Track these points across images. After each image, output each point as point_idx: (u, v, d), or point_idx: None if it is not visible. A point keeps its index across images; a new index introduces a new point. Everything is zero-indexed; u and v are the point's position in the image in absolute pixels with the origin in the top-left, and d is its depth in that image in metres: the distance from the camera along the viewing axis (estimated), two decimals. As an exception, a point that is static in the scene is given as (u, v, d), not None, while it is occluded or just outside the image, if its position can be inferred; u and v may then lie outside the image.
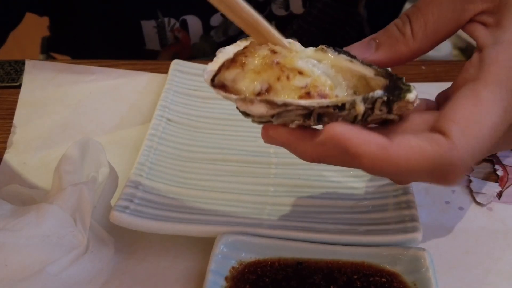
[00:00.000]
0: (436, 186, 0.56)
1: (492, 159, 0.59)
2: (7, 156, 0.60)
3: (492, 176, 0.57)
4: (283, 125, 0.39)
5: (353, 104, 0.37)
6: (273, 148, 0.59)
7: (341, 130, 0.35)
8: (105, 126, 0.64)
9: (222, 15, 0.77)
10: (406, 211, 0.49)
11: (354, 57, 0.40)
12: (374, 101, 0.37)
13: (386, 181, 0.54)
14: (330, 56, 0.40)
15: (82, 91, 0.68)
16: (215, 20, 0.79)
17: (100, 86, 0.69)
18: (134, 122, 0.64)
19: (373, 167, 0.36)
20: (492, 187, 0.56)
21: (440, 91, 0.44)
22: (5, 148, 0.61)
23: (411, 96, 0.37)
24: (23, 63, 0.71)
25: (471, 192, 0.56)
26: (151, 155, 0.56)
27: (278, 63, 0.39)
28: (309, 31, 0.84)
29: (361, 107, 0.37)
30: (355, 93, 0.40)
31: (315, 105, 0.37)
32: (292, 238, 0.47)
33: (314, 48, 0.41)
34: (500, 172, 0.57)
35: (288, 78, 0.38)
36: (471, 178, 0.57)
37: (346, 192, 0.54)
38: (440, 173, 0.36)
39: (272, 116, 0.38)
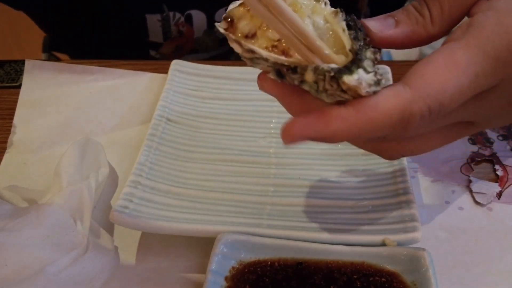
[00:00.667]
0: (436, 186, 0.56)
1: (492, 159, 0.59)
2: (7, 156, 0.60)
3: (492, 176, 0.57)
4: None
5: (304, 69, 0.37)
6: (273, 149, 0.59)
7: (300, 125, 0.37)
8: (105, 126, 0.64)
9: (226, 10, 0.77)
10: (406, 211, 0.49)
11: (358, 28, 0.39)
12: (324, 74, 0.37)
13: (386, 181, 0.54)
14: (335, 19, 0.39)
15: (82, 91, 0.68)
16: (220, 16, 0.79)
17: (100, 86, 0.69)
18: (134, 122, 0.64)
19: (344, 139, 0.38)
20: (492, 187, 0.56)
21: None
22: (5, 148, 0.61)
23: (347, 78, 0.36)
24: (23, 63, 0.71)
25: (471, 192, 0.56)
26: (151, 155, 0.56)
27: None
28: None
29: (310, 75, 0.37)
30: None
31: (271, 59, 0.38)
32: (292, 238, 0.47)
33: (333, 9, 0.40)
34: (500, 172, 0.57)
35: (266, 28, 0.39)
36: (471, 178, 0.57)
37: (346, 192, 0.54)
38: (402, 124, 0.37)
39: (249, 59, 0.39)
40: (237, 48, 0.39)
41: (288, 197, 0.54)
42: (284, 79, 0.39)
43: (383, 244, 0.46)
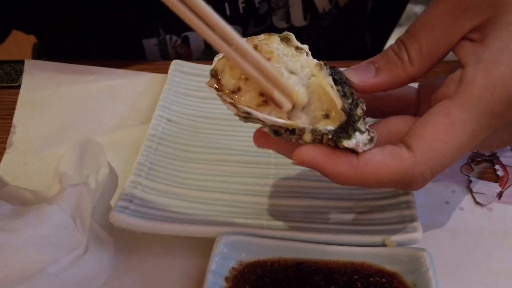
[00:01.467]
0: (436, 187, 0.56)
1: (492, 159, 0.59)
2: (7, 157, 0.60)
3: (492, 176, 0.57)
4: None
5: (302, 131, 0.40)
6: (273, 148, 0.59)
7: (309, 156, 0.40)
8: (105, 126, 0.64)
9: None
10: (406, 211, 0.49)
11: (344, 82, 0.42)
12: (321, 135, 0.40)
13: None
14: (322, 73, 0.42)
15: (82, 91, 0.68)
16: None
17: (100, 86, 0.69)
18: (134, 122, 0.64)
19: (345, 183, 0.41)
20: (492, 187, 0.56)
21: (423, 80, 0.46)
22: (4, 149, 0.61)
23: (347, 143, 0.39)
24: (23, 63, 0.71)
25: (471, 192, 0.56)
26: (150, 155, 0.56)
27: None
28: (318, 42, 0.84)
29: (308, 136, 0.40)
30: (327, 115, 0.41)
31: (269, 122, 0.40)
32: (292, 239, 0.47)
33: (316, 61, 0.43)
34: (500, 172, 0.57)
35: (246, 80, 0.40)
36: (471, 178, 0.57)
37: (346, 192, 0.54)
38: (403, 184, 0.41)
39: (244, 117, 0.41)
40: (231, 109, 0.41)
41: (288, 198, 0.53)
42: (280, 136, 0.42)
43: (383, 244, 0.46)
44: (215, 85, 0.41)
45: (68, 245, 0.46)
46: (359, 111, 0.41)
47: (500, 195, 0.55)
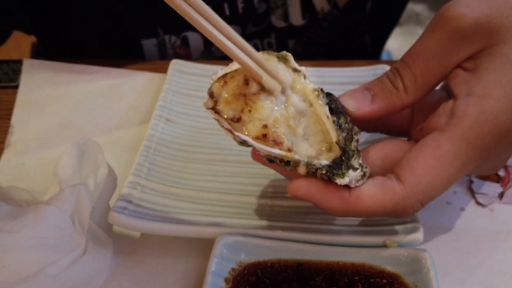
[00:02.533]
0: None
1: (493, 160, 0.59)
2: (5, 157, 0.60)
3: (493, 177, 0.57)
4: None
5: (297, 163, 0.41)
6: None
7: (303, 191, 0.42)
8: (104, 126, 0.64)
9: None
10: (407, 212, 0.49)
11: (340, 111, 0.43)
12: (315, 169, 0.41)
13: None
14: (318, 101, 0.43)
15: (80, 91, 0.68)
16: None
17: (98, 86, 0.69)
18: (132, 122, 0.64)
19: (339, 216, 0.44)
20: (494, 188, 0.56)
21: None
22: (3, 149, 0.60)
23: (341, 181, 0.41)
24: (21, 63, 0.70)
25: (472, 192, 0.55)
26: (150, 155, 0.56)
27: (244, 95, 0.41)
28: (319, 43, 0.84)
29: (302, 170, 0.42)
30: (330, 149, 0.43)
31: (265, 152, 0.41)
32: (292, 239, 0.47)
33: (313, 86, 0.43)
34: (501, 173, 0.57)
35: (250, 112, 0.41)
36: (472, 179, 0.57)
37: (347, 193, 0.53)
38: (394, 214, 0.43)
39: (240, 142, 0.42)
40: (228, 134, 0.42)
41: (288, 198, 0.53)
42: (274, 163, 0.43)
43: (384, 245, 0.46)
44: (212, 107, 0.42)
45: (66, 246, 0.46)
46: (353, 145, 0.42)
47: (501, 195, 0.55)
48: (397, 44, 1.83)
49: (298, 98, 0.43)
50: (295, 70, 0.43)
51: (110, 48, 0.80)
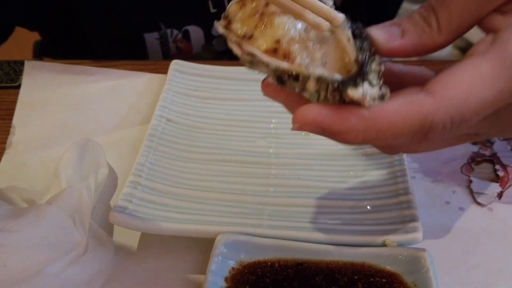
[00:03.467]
0: (437, 187, 0.56)
1: (493, 159, 0.59)
2: (6, 157, 0.60)
3: (492, 176, 0.57)
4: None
5: (306, 77, 0.36)
6: (273, 149, 0.59)
7: (313, 113, 0.36)
8: (105, 127, 0.64)
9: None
10: (406, 211, 0.49)
11: (364, 38, 0.38)
12: (327, 84, 0.36)
13: (386, 181, 0.54)
14: (340, 29, 0.38)
15: (81, 91, 0.68)
16: (216, 30, 0.80)
17: (99, 87, 0.69)
18: (133, 123, 0.64)
19: (356, 140, 0.36)
20: (493, 188, 0.56)
21: (442, 66, 0.43)
22: (4, 149, 0.61)
23: (352, 92, 0.35)
24: (22, 64, 0.71)
25: (471, 192, 0.55)
26: (150, 155, 0.56)
27: (261, 13, 0.38)
28: None
29: (312, 84, 0.36)
30: (347, 72, 0.37)
31: (273, 64, 0.37)
32: (292, 239, 0.47)
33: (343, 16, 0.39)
34: (500, 173, 0.57)
35: (264, 28, 0.38)
36: (472, 178, 0.57)
37: (346, 192, 0.54)
38: (421, 134, 0.37)
39: (248, 61, 0.38)
40: (236, 50, 0.38)
41: (288, 198, 0.53)
42: (284, 85, 0.38)
43: (383, 244, 0.46)
44: (224, 25, 0.39)
45: (67, 245, 0.46)
46: (374, 66, 0.37)
47: (500, 195, 0.55)
48: (397, 44, 1.83)
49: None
50: None
51: (112, 42, 0.80)
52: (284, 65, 0.37)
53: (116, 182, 0.54)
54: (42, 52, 0.95)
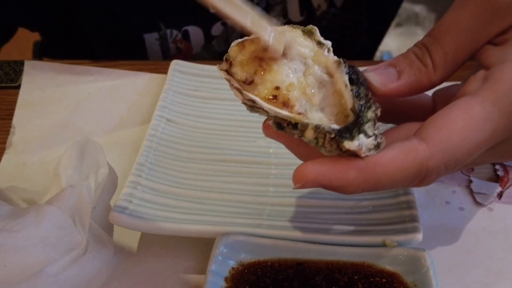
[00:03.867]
0: (437, 187, 0.56)
1: (493, 159, 0.59)
2: (6, 157, 0.60)
3: (492, 176, 0.57)
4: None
5: (304, 126, 0.38)
6: (273, 149, 0.59)
7: (313, 172, 0.37)
8: (105, 127, 0.64)
9: (222, 24, 0.77)
10: (406, 211, 0.49)
11: (361, 83, 0.40)
12: (324, 133, 0.37)
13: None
14: (339, 71, 0.40)
15: (81, 91, 0.68)
16: (216, 30, 0.80)
17: (99, 87, 0.69)
18: (133, 123, 0.64)
19: (357, 191, 0.38)
20: (493, 187, 0.56)
21: (438, 88, 0.44)
22: (4, 149, 0.61)
23: (348, 144, 0.37)
24: (22, 64, 0.71)
25: (471, 192, 0.55)
26: (150, 155, 0.56)
27: (260, 59, 0.40)
28: None
29: (310, 133, 0.38)
30: (344, 119, 0.39)
31: (272, 113, 0.38)
32: (292, 239, 0.47)
33: (336, 58, 0.41)
34: (500, 172, 0.57)
35: (263, 73, 0.39)
36: (472, 178, 0.57)
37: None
38: (418, 180, 0.38)
39: (249, 106, 0.40)
40: (238, 95, 0.40)
41: (288, 198, 0.53)
42: (283, 130, 0.40)
43: (383, 244, 0.46)
44: (226, 69, 0.40)
45: (67, 245, 0.46)
46: (370, 114, 0.38)
47: (500, 195, 0.55)
48: (397, 44, 1.83)
49: (320, 69, 0.40)
50: (319, 43, 0.41)
51: (112, 42, 0.80)
52: (283, 113, 0.38)
53: (116, 182, 0.54)
54: (42, 53, 0.96)
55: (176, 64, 0.68)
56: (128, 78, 0.70)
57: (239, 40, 0.41)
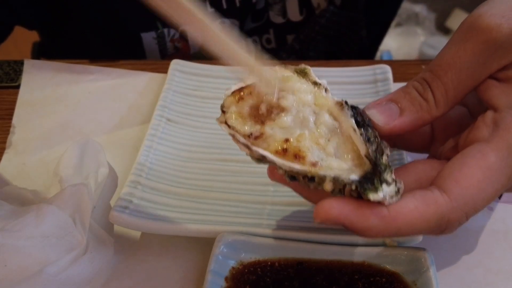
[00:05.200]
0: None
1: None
2: (6, 157, 0.60)
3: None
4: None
5: (322, 179, 0.37)
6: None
7: (335, 211, 0.37)
8: (105, 126, 0.64)
9: (220, 23, 0.77)
10: (406, 211, 0.49)
11: (367, 124, 0.40)
12: (344, 184, 0.37)
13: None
14: (343, 114, 0.40)
15: (81, 91, 0.68)
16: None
17: (99, 86, 0.69)
18: (133, 122, 0.64)
19: (376, 236, 0.38)
20: (493, 187, 0.56)
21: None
22: (4, 149, 0.60)
23: (374, 196, 0.36)
24: (22, 63, 0.71)
25: (471, 192, 0.55)
26: (150, 155, 0.56)
27: (262, 115, 0.40)
28: (316, 39, 0.84)
29: (328, 186, 0.38)
30: (359, 164, 0.39)
31: (286, 167, 0.38)
32: (292, 238, 0.47)
33: (336, 99, 0.41)
34: (500, 172, 0.57)
35: (270, 127, 0.39)
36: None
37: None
38: (438, 231, 0.39)
39: (257, 159, 0.39)
40: (244, 150, 0.39)
41: (288, 197, 0.53)
42: (298, 181, 0.39)
43: (383, 244, 0.46)
44: (226, 122, 0.40)
45: (67, 245, 0.46)
46: (384, 159, 0.38)
47: (500, 194, 0.55)
48: (397, 44, 1.83)
49: (328, 116, 0.40)
50: (315, 83, 0.41)
51: (110, 42, 0.80)
52: (297, 167, 0.38)
53: (116, 182, 0.54)
54: (41, 53, 0.96)
55: (176, 64, 0.68)
56: (128, 77, 0.70)
57: (233, 88, 0.41)
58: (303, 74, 0.42)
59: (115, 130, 0.63)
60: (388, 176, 0.38)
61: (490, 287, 0.48)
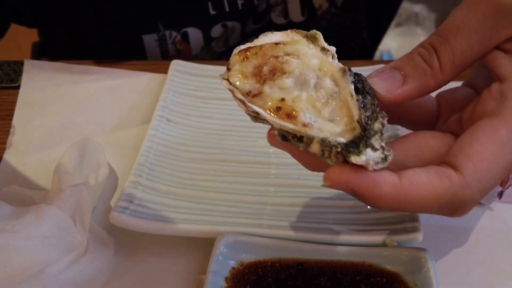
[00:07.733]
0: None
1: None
2: (6, 157, 0.60)
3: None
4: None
5: (310, 139, 0.38)
6: (273, 149, 0.59)
7: (346, 176, 0.36)
8: (105, 127, 0.64)
9: (223, 26, 0.77)
10: (406, 211, 0.49)
11: (367, 92, 0.39)
12: (330, 146, 0.37)
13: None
14: (344, 80, 0.39)
15: (81, 91, 0.68)
16: (215, 31, 0.80)
17: (99, 86, 0.69)
18: (133, 123, 0.64)
19: (386, 206, 0.37)
20: (493, 187, 0.56)
21: (442, 91, 0.44)
22: (4, 149, 0.61)
23: (355, 159, 0.36)
24: (22, 64, 0.71)
25: (471, 192, 0.55)
26: (150, 155, 0.56)
27: (265, 75, 0.40)
28: None
29: (316, 147, 0.38)
30: (352, 129, 0.38)
31: (277, 125, 0.38)
32: (293, 239, 0.47)
33: (341, 65, 0.40)
34: (500, 172, 0.57)
35: (269, 86, 0.39)
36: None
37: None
38: (450, 209, 0.38)
39: (253, 117, 0.40)
40: (241, 106, 0.39)
41: (288, 197, 0.53)
42: (288, 142, 0.39)
43: (384, 244, 0.46)
44: (228, 79, 0.40)
45: (68, 245, 0.46)
46: (376, 126, 0.38)
47: (500, 194, 0.55)
48: (397, 44, 1.83)
49: (330, 81, 0.40)
50: (323, 49, 0.41)
51: (111, 43, 0.80)
52: (288, 125, 0.38)
53: (116, 182, 0.54)
54: (41, 54, 0.96)
55: (176, 64, 0.68)
56: (128, 78, 0.70)
57: (242, 47, 0.40)
58: (313, 39, 0.41)
59: (115, 130, 0.63)
60: (376, 142, 0.37)
61: (490, 287, 0.47)
